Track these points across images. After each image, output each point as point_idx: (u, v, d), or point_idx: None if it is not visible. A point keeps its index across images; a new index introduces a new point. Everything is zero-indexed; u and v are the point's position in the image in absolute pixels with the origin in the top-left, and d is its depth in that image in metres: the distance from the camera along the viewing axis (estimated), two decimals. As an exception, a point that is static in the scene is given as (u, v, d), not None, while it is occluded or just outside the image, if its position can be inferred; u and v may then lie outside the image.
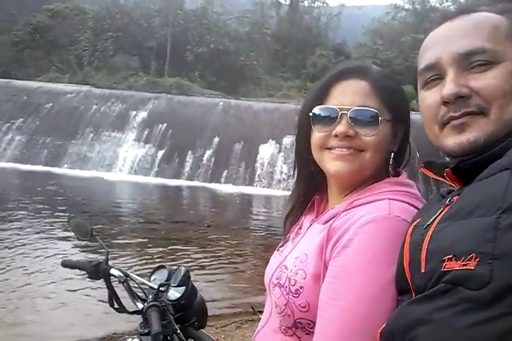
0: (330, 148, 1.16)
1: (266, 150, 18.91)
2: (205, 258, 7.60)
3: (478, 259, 0.70)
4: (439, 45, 0.95)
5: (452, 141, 0.92)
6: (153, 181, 17.92)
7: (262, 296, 5.58)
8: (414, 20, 39.32)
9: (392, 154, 1.19)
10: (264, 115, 20.38)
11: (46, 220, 9.33)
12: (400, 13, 42.99)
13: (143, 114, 20.66)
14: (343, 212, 1.11)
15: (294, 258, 1.17)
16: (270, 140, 19.04)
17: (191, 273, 1.66)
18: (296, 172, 1.33)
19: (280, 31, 39.43)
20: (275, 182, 18.17)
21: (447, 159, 1.02)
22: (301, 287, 1.09)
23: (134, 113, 20.71)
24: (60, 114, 20.84)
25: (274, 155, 18.74)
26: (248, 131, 19.40)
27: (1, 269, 6.35)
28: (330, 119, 1.15)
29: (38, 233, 8.34)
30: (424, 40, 1.01)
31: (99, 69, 30.69)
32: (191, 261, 7.23)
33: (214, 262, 7.42)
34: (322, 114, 1.17)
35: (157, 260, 7.03)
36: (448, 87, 0.91)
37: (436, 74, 0.95)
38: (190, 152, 19.16)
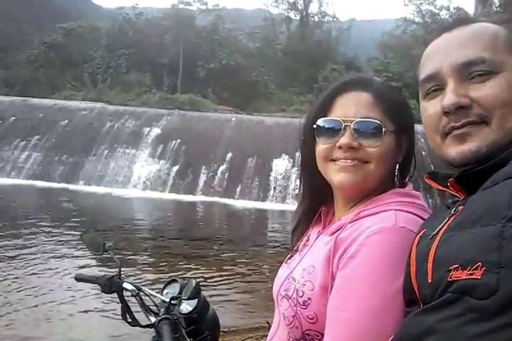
0: (334, 160, 1.16)
1: (279, 165, 18.91)
2: (221, 273, 7.57)
3: (484, 268, 0.69)
4: (439, 55, 0.96)
5: (454, 150, 0.92)
6: (168, 197, 17.97)
7: (276, 311, 5.53)
8: (424, 34, 39.36)
9: (398, 165, 1.19)
10: (277, 130, 20.42)
11: (61, 236, 9.40)
12: (410, 26, 43.13)
13: (156, 130, 20.84)
14: (350, 223, 1.11)
15: (301, 269, 1.17)
16: (283, 154, 19.05)
17: (206, 288, 1.68)
18: (302, 184, 1.34)
19: (291, 46, 39.70)
20: (289, 197, 18.11)
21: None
22: (309, 298, 1.09)
23: (147, 129, 20.90)
24: (75, 131, 21.12)
25: (287, 170, 18.72)
26: (261, 146, 19.44)
27: (17, 281, 6.41)
28: (334, 131, 1.16)
29: (53, 248, 8.40)
30: (425, 50, 1.02)
31: (112, 86, 31.10)
32: (206, 277, 7.20)
33: (229, 277, 7.38)
34: (326, 126, 1.18)
35: (170, 275, 7.03)
36: (448, 98, 0.91)
37: (436, 85, 0.96)
38: (203, 167, 19.23)
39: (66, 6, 63.22)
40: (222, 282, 7.09)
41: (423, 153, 13.58)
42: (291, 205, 17.34)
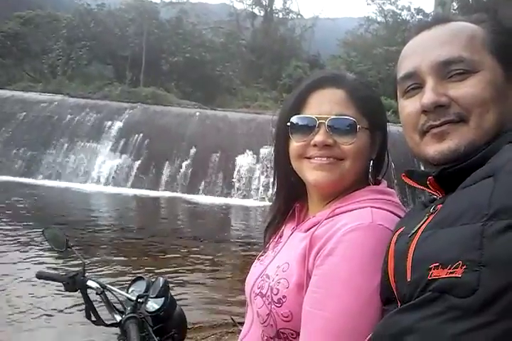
0: (309, 158, 1.16)
1: (243, 161, 18.91)
2: (183, 269, 7.51)
3: (465, 267, 0.70)
4: (418, 54, 0.96)
5: (433, 149, 0.92)
6: (130, 192, 17.71)
7: (241, 307, 5.54)
8: (386, 33, 40.10)
9: (372, 162, 1.19)
10: (241, 125, 20.41)
11: (20, 232, 9.12)
12: (373, 25, 43.84)
13: (118, 124, 20.48)
14: (325, 219, 1.10)
15: (275, 267, 1.15)
16: (247, 150, 19.06)
17: (169, 284, 1.64)
18: (276, 183, 1.32)
19: (255, 42, 39.75)
20: (253, 193, 18.16)
21: (422, 167, 1.02)
22: (284, 296, 1.08)
23: (109, 123, 20.51)
24: (33, 123, 20.50)
25: (251, 166, 18.75)
26: (225, 141, 19.39)
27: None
28: (308, 129, 1.15)
29: (11, 245, 8.14)
30: (403, 49, 1.02)
31: (73, 78, 30.30)
32: (169, 273, 7.14)
33: (192, 273, 7.34)
34: (300, 124, 1.16)
35: (134, 272, 6.93)
36: (427, 96, 0.91)
37: (415, 83, 0.96)
38: (167, 162, 19.04)
39: (24, -6, 61.10)
40: (185, 278, 7.05)
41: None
42: (255, 201, 17.42)
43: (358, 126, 1.13)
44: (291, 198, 1.30)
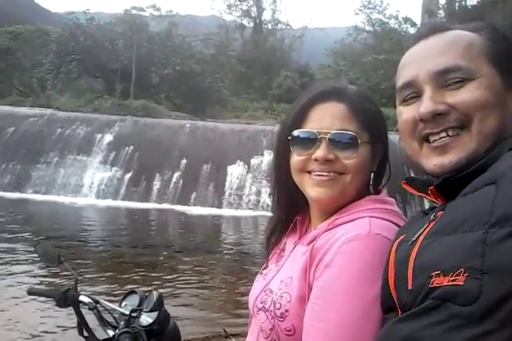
0: (310, 172, 1.15)
1: (234, 171, 18.91)
2: (176, 282, 7.46)
3: (466, 274, 0.69)
4: (415, 63, 0.97)
5: (433, 162, 0.92)
6: (121, 204, 17.62)
7: (234, 319, 5.50)
8: (374, 42, 40.49)
9: (372, 174, 1.20)
10: (232, 136, 20.43)
11: (10, 247, 9.02)
12: (361, 34, 44.22)
13: (109, 137, 20.44)
14: (325, 231, 1.10)
15: (279, 281, 1.15)
16: (238, 161, 19.07)
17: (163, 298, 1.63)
18: (276, 194, 1.31)
19: (245, 53, 39.96)
20: (244, 203, 18.13)
21: (412, 173, 1.02)
22: (287, 310, 1.07)
23: (99, 136, 20.47)
24: (23, 138, 20.43)
25: (242, 176, 18.74)
26: (216, 152, 19.39)
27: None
28: (309, 143, 1.15)
29: (1, 260, 8.04)
30: (402, 58, 1.02)
31: (63, 92, 30.26)
32: (161, 286, 7.08)
33: (184, 286, 7.28)
34: (301, 137, 1.16)
35: (127, 285, 6.86)
36: (424, 105, 0.91)
37: (413, 92, 0.96)
38: (157, 174, 18.99)
39: (12, 9, 61.10)
40: (177, 290, 6.99)
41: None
42: (247, 211, 17.39)
43: (359, 141, 1.13)
44: (291, 210, 1.30)
